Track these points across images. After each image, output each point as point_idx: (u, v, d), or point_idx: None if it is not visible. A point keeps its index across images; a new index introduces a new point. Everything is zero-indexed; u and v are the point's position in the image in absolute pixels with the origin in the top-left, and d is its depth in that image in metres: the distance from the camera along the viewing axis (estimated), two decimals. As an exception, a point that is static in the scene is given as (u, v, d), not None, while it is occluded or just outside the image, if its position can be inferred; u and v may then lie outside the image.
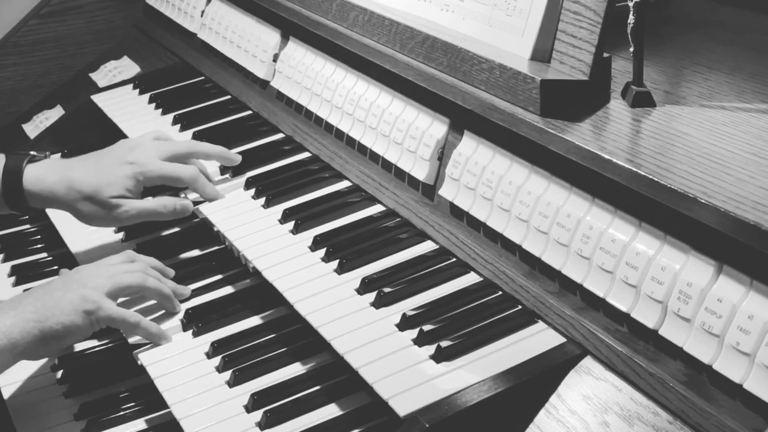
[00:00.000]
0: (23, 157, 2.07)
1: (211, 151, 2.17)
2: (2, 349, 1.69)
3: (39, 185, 2.04)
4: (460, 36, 1.83)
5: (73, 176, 2.04)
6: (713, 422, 1.31)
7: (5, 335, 1.70)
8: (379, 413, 1.63)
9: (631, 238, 1.46)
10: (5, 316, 1.72)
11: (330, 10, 2.14)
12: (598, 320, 1.52)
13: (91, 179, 2.03)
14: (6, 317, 1.72)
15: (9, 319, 1.72)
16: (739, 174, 1.37)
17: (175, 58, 2.84)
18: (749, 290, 1.29)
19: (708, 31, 2.04)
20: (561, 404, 1.48)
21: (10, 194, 2.05)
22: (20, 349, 1.72)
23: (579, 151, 1.51)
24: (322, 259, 1.85)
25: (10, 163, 2.05)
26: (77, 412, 1.88)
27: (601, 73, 1.63)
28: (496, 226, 1.69)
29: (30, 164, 2.06)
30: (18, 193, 2.04)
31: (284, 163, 2.21)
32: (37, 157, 2.09)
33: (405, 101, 1.96)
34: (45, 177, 2.04)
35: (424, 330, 1.61)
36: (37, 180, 2.04)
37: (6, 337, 1.70)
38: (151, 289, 1.89)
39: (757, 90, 1.70)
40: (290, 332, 1.83)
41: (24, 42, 3.03)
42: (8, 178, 2.04)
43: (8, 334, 1.70)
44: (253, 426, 1.64)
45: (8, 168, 2.05)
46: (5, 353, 1.70)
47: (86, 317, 1.78)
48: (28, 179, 2.04)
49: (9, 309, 1.74)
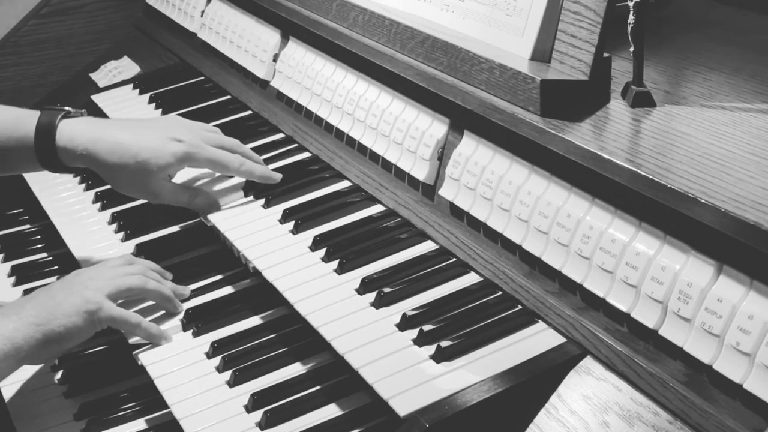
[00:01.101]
0: (57, 112, 2.01)
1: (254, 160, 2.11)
2: (6, 354, 1.69)
3: (73, 142, 1.97)
4: (460, 36, 1.83)
5: (115, 138, 1.98)
6: (713, 422, 1.31)
7: (9, 340, 1.69)
8: (379, 413, 1.63)
9: (631, 238, 1.46)
10: (8, 321, 1.72)
11: (330, 10, 2.14)
12: (598, 320, 1.52)
13: (135, 146, 1.97)
14: (9, 322, 1.72)
15: (12, 324, 1.71)
16: (739, 174, 1.37)
17: (175, 58, 2.84)
18: (749, 290, 1.30)
19: (708, 31, 2.04)
20: (561, 404, 1.48)
21: (43, 150, 1.98)
22: (24, 354, 1.72)
23: (579, 151, 1.51)
24: (322, 259, 1.85)
25: (44, 118, 1.99)
26: (77, 412, 1.88)
27: (601, 73, 1.63)
28: (496, 226, 1.69)
29: (64, 119, 2.00)
30: (51, 149, 1.98)
31: (284, 163, 2.20)
32: (72, 113, 2.03)
33: (405, 101, 1.96)
34: (81, 134, 1.98)
35: (424, 330, 1.61)
36: (72, 136, 1.98)
37: (10, 342, 1.69)
38: (151, 291, 1.89)
39: (757, 90, 1.70)
40: (290, 332, 1.83)
41: (24, 42, 3.03)
42: (42, 133, 1.98)
43: (12, 339, 1.70)
44: (253, 426, 1.64)
45: (41, 123, 1.98)
46: (9, 358, 1.70)
47: (88, 319, 1.78)
48: (61, 135, 1.98)
49: (11, 314, 1.74)
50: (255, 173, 2.07)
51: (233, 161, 2.05)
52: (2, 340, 1.68)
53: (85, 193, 2.40)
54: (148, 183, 2.00)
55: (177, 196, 2.05)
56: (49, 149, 1.98)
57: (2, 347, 1.68)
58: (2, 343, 1.68)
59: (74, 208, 2.36)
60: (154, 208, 2.30)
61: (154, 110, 2.57)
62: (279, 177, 2.09)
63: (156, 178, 1.99)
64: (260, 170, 2.08)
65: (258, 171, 2.08)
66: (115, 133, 1.99)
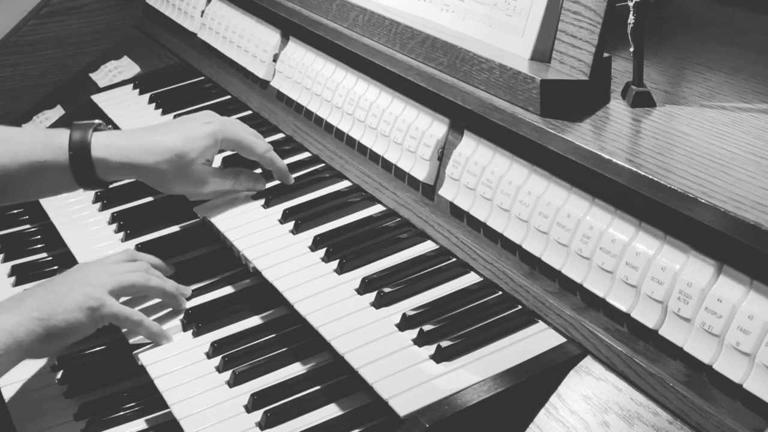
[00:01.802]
0: (89, 125, 1.98)
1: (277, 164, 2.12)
2: (8, 348, 1.69)
3: (109, 151, 1.95)
4: (460, 36, 1.83)
5: (149, 139, 1.98)
6: (713, 422, 1.31)
7: (11, 335, 1.69)
8: (379, 413, 1.63)
9: (631, 238, 1.46)
10: (9, 315, 1.72)
11: (330, 10, 2.14)
12: (598, 320, 1.52)
13: (169, 141, 1.97)
14: (10, 316, 1.71)
15: (13, 318, 1.71)
16: (739, 174, 1.37)
17: (175, 58, 2.84)
18: (749, 290, 1.30)
19: (708, 31, 2.04)
20: (561, 404, 1.48)
21: (80, 166, 1.94)
22: (25, 348, 1.72)
23: (579, 151, 1.51)
24: (322, 259, 1.85)
25: (77, 133, 1.96)
26: (77, 412, 1.88)
27: (601, 73, 1.63)
28: (496, 226, 1.69)
29: (96, 132, 1.97)
30: (87, 163, 1.94)
31: (284, 163, 2.20)
32: (101, 126, 2.02)
33: (405, 101, 1.96)
34: (115, 143, 1.97)
35: (424, 330, 1.61)
36: (107, 146, 1.95)
37: (12, 337, 1.69)
38: (153, 288, 1.89)
39: (757, 90, 1.70)
40: (290, 332, 1.83)
41: (24, 42, 3.03)
42: (77, 148, 1.94)
43: (13, 333, 1.70)
44: (253, 426, 1.63)
45: (75, 138, 1.95)
46: (11, 353, 1.70)
47: (90, 314, 1.78)
48: (96, 147, 1.94)
49: (13, 308, 1.74)
50: (276, 164, 2.09)
51: (261, 145, 2.08)
52: (4, 335, 1.68)
53: (86, 193, 2.40)
54: (191, 173, 1.99)
55: (222, 178, 2.05)
56: (86, 164, 1.95)
57: (4, 341, 1.68)
58: (4, 337, 1.68)
59: (74, 208, 2.36)
60: (154, 208, 2.31)
61: (154, 110, 2.57)
62: (293, 180, 2.11)
63: (197, 165, 1.99)
64: (281, 163, 2.11)
65: (279, 163, 2.10)
66: (147, 137, 2.00)
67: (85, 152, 1.94)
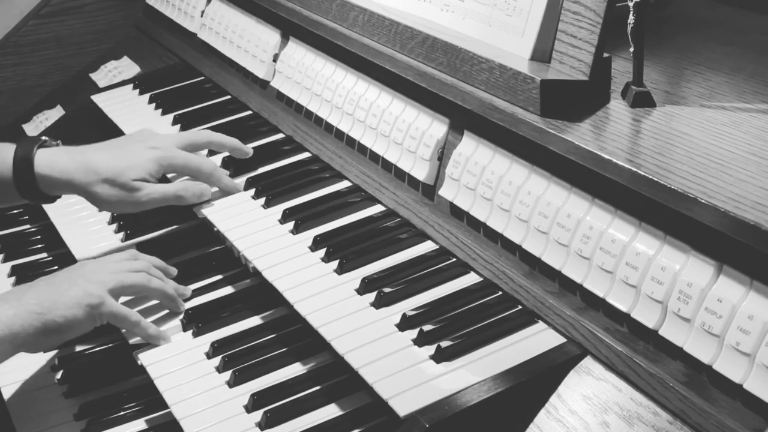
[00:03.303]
0: (34, 142, 2.04)
1: (226, 142, 2.19)
2: (2, 339, 1.69)
3: (52, 168, 2.01)
4: (460, 36, 1.83)
5: (90, 158, 2.02)
6: (713, 422, 1.31)
7: (6, 326, 1.69)
8: (379, 413, 1.63)
9: (631, 239, 1.46)
10: (7, 307, 1.72)
11: (330, 10, 2.14)
12: (598, 320, 1.52)
13: (112, 161, 2.02)
14: (8, 308, 1.71)
15: (11, 310, 1.71)
16: (739, 174, 1.37)
17: (175, 58, 2.84)
18: (749, 290, 1.29)
19: (708, 31, 2.04)
20: (561, 404, 1.48)
21: (22, 181, 2.01)
22: (20, 341, 1.72)
23: (579, 151, 1.51)
24: (322, 259, 1.85)
25: (21, 149, 2.02)
26: (77, 412, 1.88)
27: (601, 73, 1.63)
28: (496, 226, 1.69)
29: (41, 149, 2.03)
30: (30, 179, 2.01)
31: (284, 163, 2.21)
32: (48, 143, 2.07)
33: (405, 101, 1.96)
34: (58, 160, 2.02)
35: (424, 330, 1.61)
36: (50, 163, 2.01)
37: (7, 328, 1.69)
38: (154, 289, 1.89)
39: (757, 90, 1.70)
40: (290, 332, 1.83)
41: (24, 42, 3.03)
42: (19, 163, 2.01)
43: (9, 325, 1.70)
44: (253, 426, 1.64)
45: (19, 154, 2.01)
46: (5, 344, 1.70)
47: (89, 312, 1.78)
48: (39, 163, 2.01)
49: (12, 300, 1.74)
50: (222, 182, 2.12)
51: (206, 167, 2.11)
52: None
53: (85, 193, 2.40)
54: (132, 195, 2.02)
55: (163, 191, 2.05)
56: (28, 179, 2.01)
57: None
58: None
59: (74, 208, 2.36)
60: (155, 208, 2.30)
61: (154, 110, 2.57)
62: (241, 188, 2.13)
63: (138, 186, 2.02)
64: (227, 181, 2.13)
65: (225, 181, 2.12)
66: (91, 155, 2.04)
67: (29, 168, 2.00)
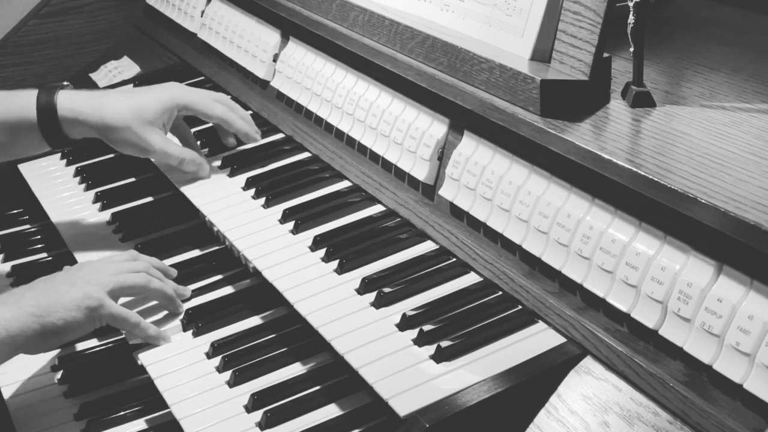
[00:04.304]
0: (55, 87, 2.13)
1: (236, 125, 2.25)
2: (1, 342, 1.68)
3: (73, 109, 2.09)
4: (460, 36, 1.83)
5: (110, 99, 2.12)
6: (713, 422, 1.31)
7: (4, 328, 1.69)
8: (379, 413, 1.63)
9: (631, 238, 1.46)
10: (6, 309, 1.71)
11: (330, 10, 2.14)
12: (598, 320, 1.52)
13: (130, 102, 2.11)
14: (7, 310, 1.71)
15: (9, 312, 1.71)
16: (739, 174, 1.37)
17: (175, 58, 2.84)
18: (749, 290, 1.30)
19: (708, 31, 2.04)
20: (561, 404, 1.48)
21: (46, 124, 2.09)
22: (19, 343, 1.71)
23: (579, 151, 1.51)
24: (322, 259, 1.85)
25: (43, 94, 2.10)
26: (77, 412, 1.88)
27: (601, 73, 1.63)
28: (496, 226, 1.69)
29: (62, 91, 2.11)
30: (53, 122, 2.09)
31: (284, 163, 2.21)
32: (67, 87, 2.16)
33: (405, 101, 1.96)
34: (79, 101, 2.11)
35: (424, 330, 1.61)
36: (71, 104, 2.10)
37: (5, 331, 1.69)
38: (153, 290, 1.89)
39: (757, 90, 1.70)
40: (290, 332, 1.83)
41: (24, 42, 3.03)
42: (43, 107, 2.09)
43: (8, 327, 1.69)
44: (253, 426, 1.64)
45: (41, 99, 2.09)
46: (4, 346, 1.69)
47: (88, 314, 1.78)
48: (62, 105, 2.09)
49: (11, 302, 1.73)
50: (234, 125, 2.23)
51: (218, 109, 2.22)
52: None
53: (85, 193, 2.40)
54: (145, 135, 2.10)
55: (166, 147, 2.13)
56: (52, 123, 2.09)
57: None
58: None
59: (74, 208, 2.36)
60: (154, 208, 2.30)
61: (154, 110, 2.57)
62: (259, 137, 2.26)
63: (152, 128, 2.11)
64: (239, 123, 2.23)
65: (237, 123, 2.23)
66: (112, 98, 2.15)
67: (52, 112, 2.08)
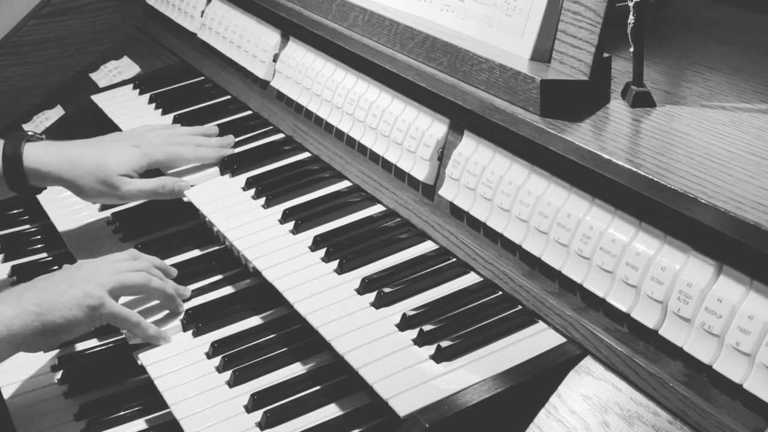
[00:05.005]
0: (21, 137, 2.14)
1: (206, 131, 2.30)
2: (1, 339, 1.68)
3: (39, 162, 2.11)
4: (460, 36, 1.83)
5: (77, 153, 2.12)
6: (713, 422, 1.31)
7: (5, 326, 1.69)
8: (379, 413, 1.63)
9: (631, 238, 1.46)
10: (7, 307, 1.71)
11: (330, 10, 2.14)
12: (598, 320, 1.52)
13: (97, 156, 2.11)
14: (8, 308, 1.71)
15: (11, 310, 1.71)
16: (739, 174, 1.37)
17: (175, 58, 2.84)
18: (749, 290, 1.29)
19: (708, 31, 2.04)
20: (561, 404, 1.48)
21: (11, 175, 2.11)
22: (20, 341, 1.72)
23: (579, 151, 1.51)
24: (322, 259, 1.85)
25: (9, 145, 2.12)
26: (77, 412, 1.88)
27: (601, 73, 1.63)
28: (496, 226, 1.69)
29: (28, 143, 2.13)
30: (19, 173, 2.10)
31: (284, 163, 2.21)
32: (34, 137, 2.16)
33: (405, 101, 1.96)
34: (46, 154, 2.12)
35: (424, 330, 1.61)
36: (38, 157, 2.11)
37: (6, 328, 1.69)
38: (154, 289, 1.89)
39: (757, 90, 1.70)
40: (290, 332, 1.83)
41: (24, 42, 3.03)
42: (9, 159, 2.10)
43: (8, 325, 1.69)
44: (253, 426, 1.64)
45: (7, 150, 2.11)
46: (4, 344, 1.70)
47: (89, 313, 1.78)
48: (28, 157, 2.11)
49: (12, 300, 1.74)
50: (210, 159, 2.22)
51: (188, 152, 2.20)
52: None
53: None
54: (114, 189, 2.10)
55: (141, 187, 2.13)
56: (18, 173, 2.10)
57: None
58: None
59: (74, 208, 2.36)
60: (154, 208, 2.30)
61: (154, 110, 2.57)
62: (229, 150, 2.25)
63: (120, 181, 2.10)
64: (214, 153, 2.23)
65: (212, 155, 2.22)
66: (77, 150, 2.14)
67: (18, 163, 2.10)
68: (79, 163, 2.10)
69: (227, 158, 2.23)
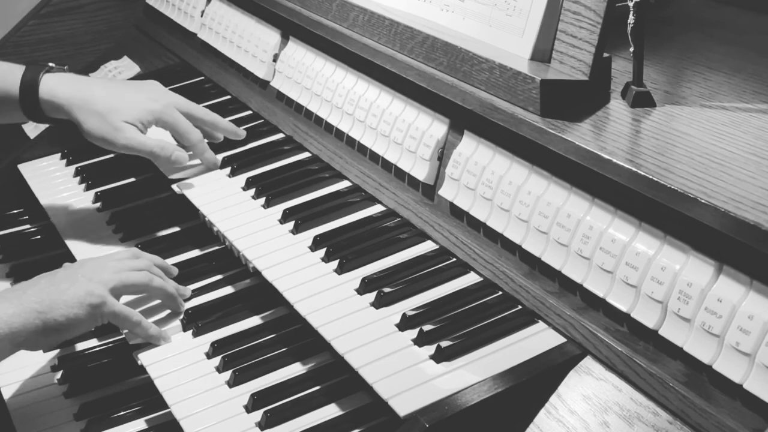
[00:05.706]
0: (41, 67, 2.16)
1: (220, 123, 2.28)
2: (2, 337, 1.68)
3: (53, 94, 2.13)
4: (460, 36, 1.83)
5: (92, 91, 2.14)
6: (713, 422, 1.31)
7: (6, 324, 1.69)
8: (379, 413, 1.63)
9: (631, 238, 1.46)
10: (8, 305, 1.71)
11: (330, 10, 2.14)
12: (598, 320, 1.52)
13: (110, 99, 2.13)
14: (9, 306, 1.71)
15: (12, 308, 1.71)
16: (739, 174, 1.37)
17: (175, 58, 2.84)
18: (749, 290, 1.30)
19: (708, 31, 2.04)
20: (561, 404, 1.48)
21: (27, 103, 2.14)
22: (21, 339, 1.71)
23: (579, 151, 1.51)
24: (322, 259, 1.85)
25: (28, 73, 2.14)
26: (77, 412, 1.88)
27: (601, 73, 1.63)
28: (496, 226, 1.69)
29: (48, 74, 2.15)
30: (34, 101, 2.13)
31: (284, 163, 2.21)
32: (54, 69, 2.18)
33: (405, 101, 1.96)
34: (61, 87, 2.14)
35: (424, 330, 1.61)
36: (54, 88, 2.13)
37: (7, 326, 1.69)
38: (155, 288, 1.89)
39: (757, 90, 1.70)
40: (290, 332, 1.83)
41: (24, 42, 3.03)
42: (26, 86, 2.13)
43: (9, 323, 1.69)
44: (253, 426, 1.64)
45: (26, 77, 2.14)
46: (5, 342, 1.69)
47: (90, 311, 1.78)
48: (44, 88, 2.13)
49: (13, 298, 1.74)
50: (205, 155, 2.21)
51: (193, 136, 2.19)
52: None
53: (85, 193, 2.41)
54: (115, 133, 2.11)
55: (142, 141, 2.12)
56: (33, 101, 2.13)
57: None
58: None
59: (74, 208, 2.36)
60: (155, 208, 2.30)
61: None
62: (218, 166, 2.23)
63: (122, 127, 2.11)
64: (209, 155, 2.22)
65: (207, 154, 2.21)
66: (94, 89, 2.16)
67: (34, 92, 2.14)
68: (91, 102, 2.11)
69: (226, 157, 2.22)
